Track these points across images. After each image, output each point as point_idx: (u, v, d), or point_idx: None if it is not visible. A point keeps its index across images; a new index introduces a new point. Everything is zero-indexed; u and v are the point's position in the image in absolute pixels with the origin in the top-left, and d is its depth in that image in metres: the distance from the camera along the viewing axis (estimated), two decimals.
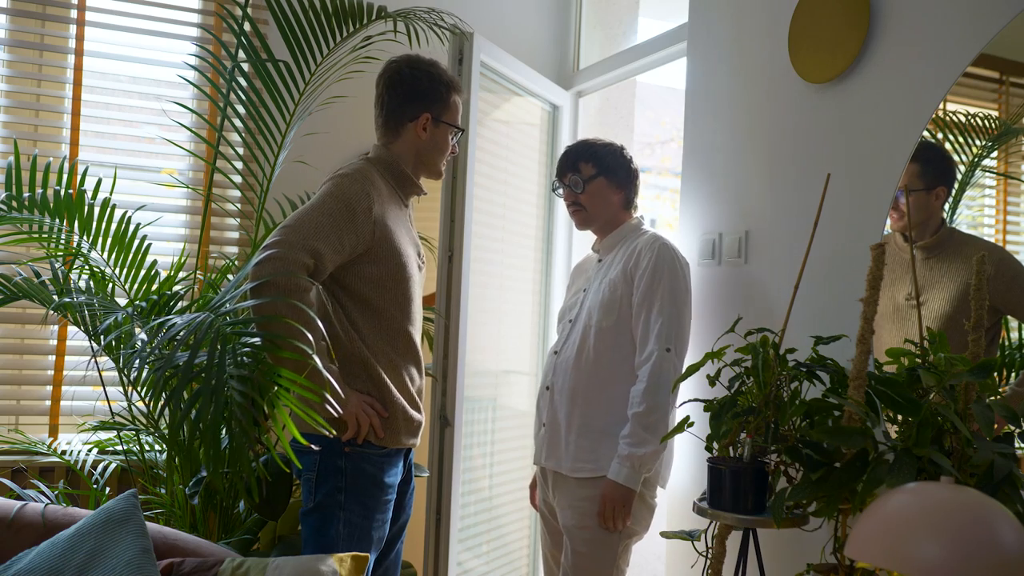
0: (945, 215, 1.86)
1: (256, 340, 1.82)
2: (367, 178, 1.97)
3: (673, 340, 2.19)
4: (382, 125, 2.11)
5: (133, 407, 2.46)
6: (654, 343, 2.18)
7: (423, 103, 2.07)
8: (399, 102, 2.08)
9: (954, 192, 1.85)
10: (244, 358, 1.73)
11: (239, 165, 2.88)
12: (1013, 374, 1.74)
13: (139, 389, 2.43)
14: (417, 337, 2.08)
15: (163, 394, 1.75)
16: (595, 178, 2.39)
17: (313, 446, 1.89)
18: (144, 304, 2.20)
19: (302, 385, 1.67)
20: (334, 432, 1.84)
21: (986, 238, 1.83)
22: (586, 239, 3.39)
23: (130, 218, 2.50)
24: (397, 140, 2.09)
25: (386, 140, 2.11)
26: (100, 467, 2.59)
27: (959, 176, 1.86)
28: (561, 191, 2.47)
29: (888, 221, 1.95)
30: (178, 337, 1.71)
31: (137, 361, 2.06)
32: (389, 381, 1.97)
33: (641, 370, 2.19)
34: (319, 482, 1.93)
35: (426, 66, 2.10)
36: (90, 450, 2.65)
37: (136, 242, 2.49)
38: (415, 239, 2.12)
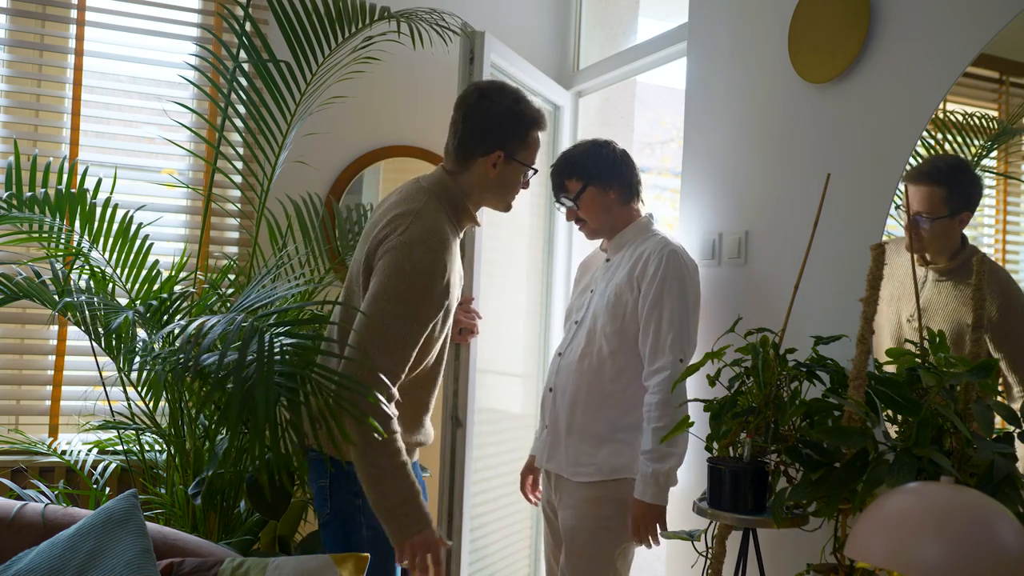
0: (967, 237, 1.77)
1: (295, 341, 1.81)
2: (440, 236, 1.81)
3: (686, 351, 2.16)
4: (453, 152, 1.96)
5: (133, 406, 2.46)
6: (669, 354, 2.14)
7: (499, 139, 1.92)
8: (474, 134, 1.93)
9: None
10: (287, 356, 1.72)
11: (239, 165, 2.88)
12: None
13: (139, 389, 2.43)
14: (440, 368, 2.01)
15: (180, 395, 1.75)
16: (583, 191, 2.32)
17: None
18: (154, 303, 2.20)
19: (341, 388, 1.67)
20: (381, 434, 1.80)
21: (986, 239, 1.82)
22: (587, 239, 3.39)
23: (132, 217, 2.50)
24: (465, 172, 1.94)
25: (454, 169, 1.96)
26: (100, 467, 2.59)
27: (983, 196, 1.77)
28: (562, 209, 2.44)
29: (887, 221, 1.95)
30: (217, 340, 1.69)
31: (138, 361, 2.06)
32: (403, 413, 1.90)
33: (654, 380, 2.14)
34: (333, 489, 1.89)
35: (510, 99, 1.95)
36: (90, 450, 2.65)
37: (138, 242, 2.50)
38: (460, 271, 1.99)
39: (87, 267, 2.43)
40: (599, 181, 2.31)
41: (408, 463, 1.77)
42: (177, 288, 2.47)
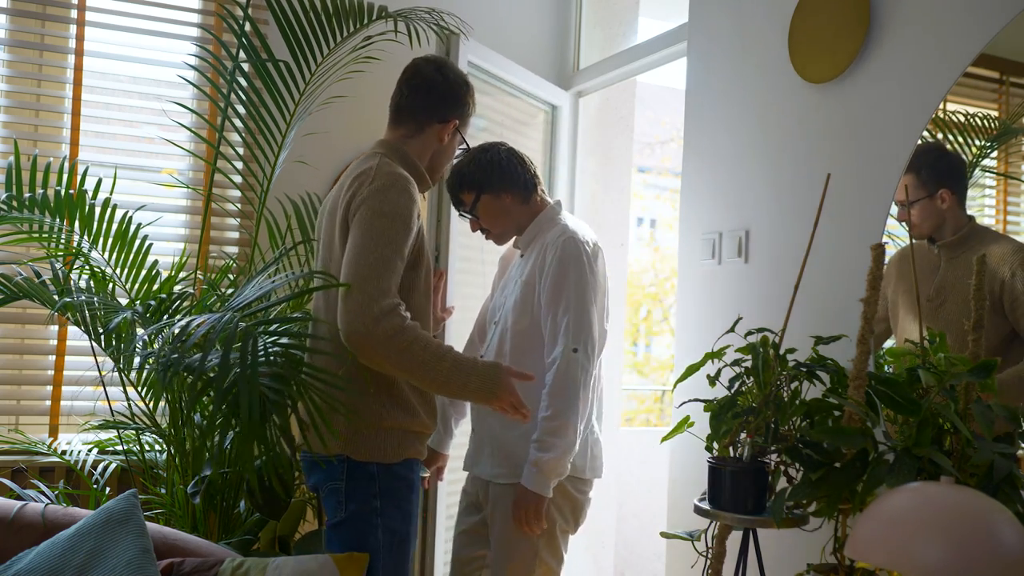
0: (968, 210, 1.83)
1: (285, 340, 1.82)
2: (406, 180, 1.86)
3: (581, 339, 2.14)
4: (407, 118, 2.00)
5: (133, 406, 2.46)
6: (560, 344, 2.14)
7: (455, 109, 2.02)
8: (432, 100, 2.00)
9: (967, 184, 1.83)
10: (275, 357, 1.73)
11: (239, 165, 2.88)
12: None
13: (139, 389, 2.43)
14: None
15: (179, 395, 1.75)
16: (477, 201, 2.29)
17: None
18: (153, 303, 2.20)
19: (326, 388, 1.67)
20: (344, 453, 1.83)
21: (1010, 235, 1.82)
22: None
23: (131, 217, 2.50)
24: (417, 137, 2.00)
25: (403, 134, 2.00)
26: (100, 467, 2.59)
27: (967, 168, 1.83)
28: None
29: (888, 220, 1.95)
30: (199, 340, 1.69)
31: (137, 361, 2.06)
32: (412, 398, 1.91)
33: (548, 373, 2.14)
34: (350, 491, 1.85)
35: (462, 74, 2.08)
36: (90, 450, 2.64)
37: (137, 242, 2.50)
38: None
39: (87, 267, 2.43)
40: (490, 188, 2.28)
41: (439, 341, 1.82)
42: (177, 288, 2.47)
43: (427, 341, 1.78)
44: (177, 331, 1.74)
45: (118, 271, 2.49)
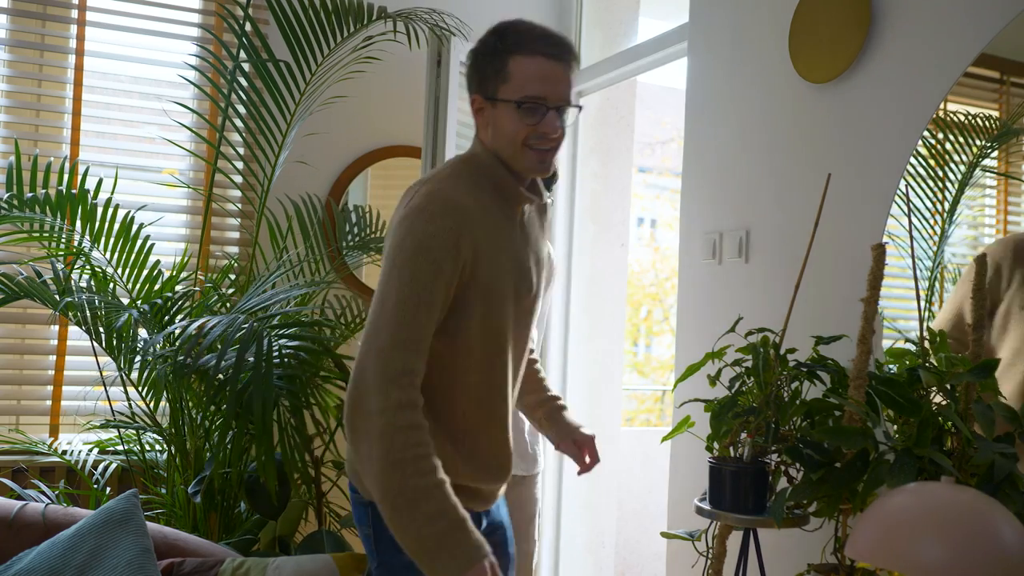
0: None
1: (296, 343, 1.81)
2: (443, 200, 1.51)
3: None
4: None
5: (134, 406, 2.46)
6: (543, 328, 2.37)
7: (475, 83, 1.63)
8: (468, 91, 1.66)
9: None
10: (288, 360, 1.73)
11: (240, 165, 2.88)
12: None
13: (140, 389, 2.43)
14: (511, 387, 1.64)
15: (181, 395, 1.75)
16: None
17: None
18: (156, 302, 2.20)
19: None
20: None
21: (986, 239, 1.82)
22: (587, 237, 3.38)
23: (133, 217, 2.50)
24: (479, 136, 1.65)
25: (478, 135, 1.67)
26: (101, 467, 2.59)
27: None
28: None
29: (888, 220, 1.95)
30: (214, 342, 1.70)
31: (139, 361, 2.06)
32: (449, 447, 1.56)
33: (536, 349, 2.16)
34: (379, 539, 1.57)
35: (487, 35, 1.65)
36: (91, 450, 2.65)
37: (139, 242, 2.50)
38: (520, 257, 1.62)
39: (88, 267, 2.43)
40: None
41: (444, 482, 1.39)
42: (178, 288, 2.48)
43: (426, 454, 1.37)
44: (191, 333, 1.74)
45: (119, 271, 2.49)
